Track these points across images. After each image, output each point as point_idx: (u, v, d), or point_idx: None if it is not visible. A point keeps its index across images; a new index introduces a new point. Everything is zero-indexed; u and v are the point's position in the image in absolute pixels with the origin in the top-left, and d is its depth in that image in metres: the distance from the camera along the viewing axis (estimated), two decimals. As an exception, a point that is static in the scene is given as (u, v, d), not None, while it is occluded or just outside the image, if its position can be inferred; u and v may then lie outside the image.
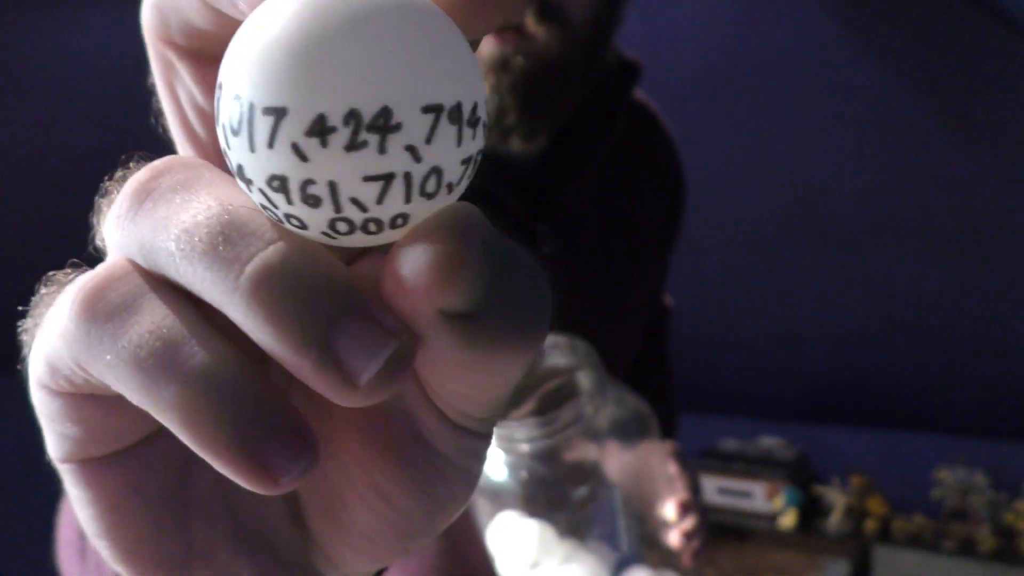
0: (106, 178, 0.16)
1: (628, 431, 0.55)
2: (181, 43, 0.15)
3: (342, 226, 0.12)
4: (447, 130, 0.12)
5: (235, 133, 0.12)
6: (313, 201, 0.12)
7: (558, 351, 0.55)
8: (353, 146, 0.12)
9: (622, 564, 0.52)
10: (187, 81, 0.15)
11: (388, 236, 0.13)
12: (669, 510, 0.56)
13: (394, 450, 0.15)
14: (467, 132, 0.13)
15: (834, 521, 2.26)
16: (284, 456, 0.12)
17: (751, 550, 2.29)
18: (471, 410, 0.15)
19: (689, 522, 0.56)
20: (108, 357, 0.13)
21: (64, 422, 0.14)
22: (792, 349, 2.21)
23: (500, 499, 0.49)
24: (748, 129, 1.88)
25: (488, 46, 0.54)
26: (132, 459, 0.15)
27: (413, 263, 0.12)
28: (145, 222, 0.13)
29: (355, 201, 0.12)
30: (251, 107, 0.12)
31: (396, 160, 0.12)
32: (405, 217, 0.13)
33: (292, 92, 0.12)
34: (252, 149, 0.12)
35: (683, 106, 1.78)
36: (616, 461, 0.56)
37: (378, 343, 0.12)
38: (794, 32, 1.70)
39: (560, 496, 0.49)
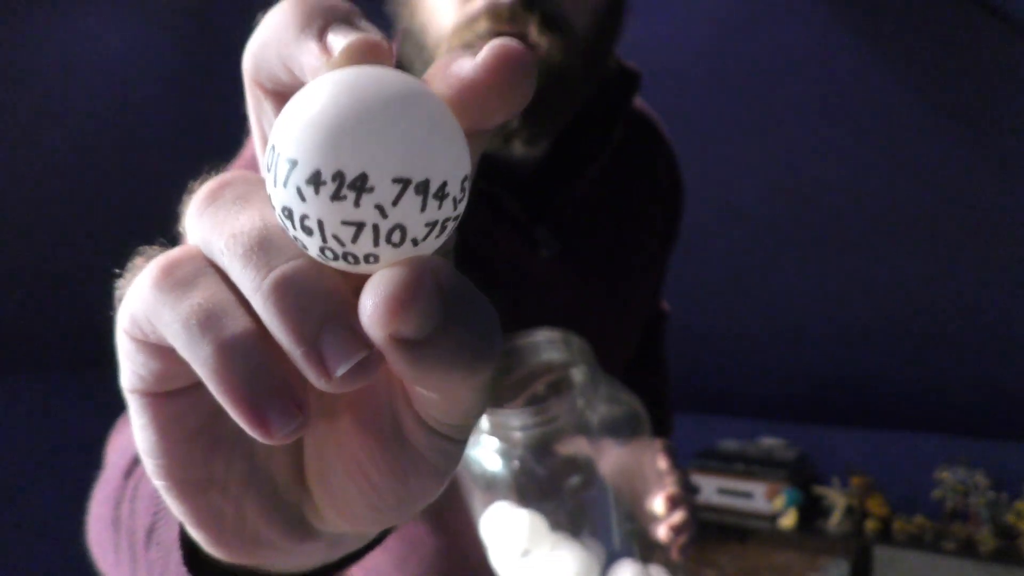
0: (191, 182, 0.20)
1: (622, 429, 0.55)
2: (268, 86, 0.19)
3: (328, 253, 0.16)
4: (412, 199, 0.16)
5: (268, 170, 0.16)
6: (307, 231, 0.16)
7: (553, 346, 0.55)
8: (336, 197, 0.16)
9: (612, 559, 0.52)
10: (269, 113, 0.20)
11: (364, 269, 0.17)
12: (658, 504, 0.56)
13: (377, 437, 0.19)
14: (432, 203, 0.16)
15: (834, 521, 2.26)
16: (279, 414, 0.16)
17: (751, 550, 2.29)
18: (441, 417, 0.18)
19: (677, 516, 0.56)
20: (167, 318, 0.17)
21: (135, 362, 0.18)
22: (792, 349, 2.21)
23: (493, 489, 0.50)
24: (749, 128, 1.88)
25: None
26: (179, 399, 0.19)
27: (370, 295, 0.16)
28: (208, 222, 0.18)
29: (336, 237, 0.16)
30: (278, 155, 0.16)
31: (367, 213, 0.16)
32: (376, 257, 0.16)
33: (302, 150, 0.16)
34: (274, 184, 0.16)
35: (684, 106, 1.78)
36: (609, 459, 0.56)
37: (353, 349, 0.16)
38: (795, 32, 1.70)
39: (552, 487, 0.50)
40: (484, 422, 0.48)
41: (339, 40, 0.17)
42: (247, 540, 0.20)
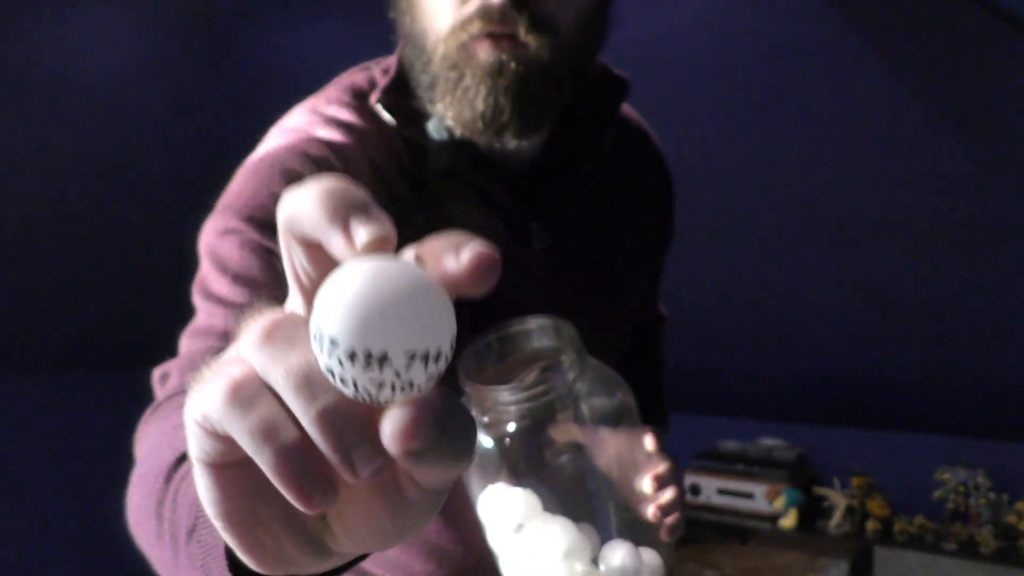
0: (244, 313, 0.28)
1: (611, 416, 0.55)
2: (297, 236, 0.26)
3: (359, 397, 0.23)
4: (419, 363, 0.23)
5: (314, 339, 0.23)
6: (344, 384, 0.23)
7: (544, 333, 0.56)
8: (367, 367, 0.22)
9: (605, 542, 0.52)
10: (299, 254, 0.26)
11: (383, 405, 0.23)
12: (646, 484, 0.57)
13: (383, 493, 0.26)
14: (432, 364, 0.23)
15: (835, 522, 2.26)
16: (319, 495, 0.23)
17: (752, 551, 2.29)
18: (430, 484, 0.25)
19: (667, 496, 0.57)
20: (237, 426, 0.24)
21: (203, 443, 0.25)
22: (793, 349, 2.22)
23: (486, 467, 0.51)
24: (749, 128, 1.88)
25: (485, 53, 0.60)
26: (234, 468, 0.26)
27: (388, 425, 0.23)
28: (265, 356, 0.24)
29: (364, 389, 0.23)
30: (321, 331, 0.23)
31: (387, 376, 0.23)
32: (393, 399, 0.23)
33: (340, 333, 0.22)
34: (320, 352, 0.23)
35: (684, 105, 1.79)
36: (600, 445, 0.57)
37: (374, 460, 0.23)
38: (794, 31, 1.71)
39: (542, 466, 0.51)
40: (477, 400, 0.49)
41: (360, 234, 0.24)
42: (282, 561, 0.27)
